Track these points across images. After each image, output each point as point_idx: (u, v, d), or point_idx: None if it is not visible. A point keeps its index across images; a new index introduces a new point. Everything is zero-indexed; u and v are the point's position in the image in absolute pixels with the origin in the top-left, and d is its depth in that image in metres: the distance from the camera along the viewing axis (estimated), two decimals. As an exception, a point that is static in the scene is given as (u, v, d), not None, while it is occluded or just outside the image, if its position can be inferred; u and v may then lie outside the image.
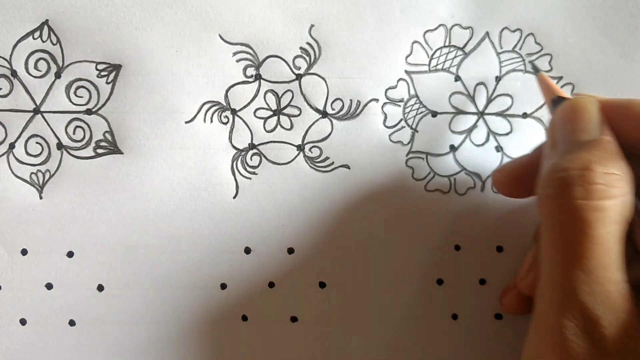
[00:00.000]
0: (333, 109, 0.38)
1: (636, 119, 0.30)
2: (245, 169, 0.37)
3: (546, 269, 0.28)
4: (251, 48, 0.37)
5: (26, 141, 0.36)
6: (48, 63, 0.36)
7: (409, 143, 0.38)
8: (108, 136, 0.37)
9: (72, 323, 0.37)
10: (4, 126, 0.36)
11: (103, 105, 0.37)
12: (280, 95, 0.37)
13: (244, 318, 0.38)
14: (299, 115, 0.38)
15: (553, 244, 0.28)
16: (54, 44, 0.36)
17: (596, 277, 0.26)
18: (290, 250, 0.38)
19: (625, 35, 0.39)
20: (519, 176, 0.34)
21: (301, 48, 0.37)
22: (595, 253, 0.27)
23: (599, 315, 0.26)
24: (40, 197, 0.37)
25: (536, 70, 0.37)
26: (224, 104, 0.37)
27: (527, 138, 0.39)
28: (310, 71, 0.37)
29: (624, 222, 0.28)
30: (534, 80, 0.39)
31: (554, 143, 0.31)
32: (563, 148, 0.30)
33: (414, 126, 0.38)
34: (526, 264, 0.36)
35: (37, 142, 0.36)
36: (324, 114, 0.38)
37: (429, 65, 0.38)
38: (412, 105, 0.38)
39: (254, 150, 0.38)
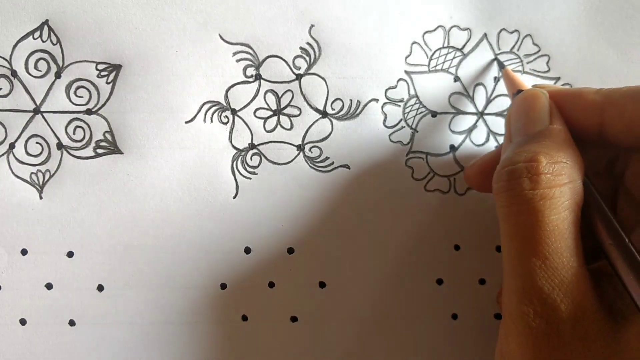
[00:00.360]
0: (333, 109, 0.38)
1: (587, 106, 0.31)
2: (245, 169, 0.37)
3: (505, 259, 0.29)
4: (251, 48, 0.37)
5: (26, 141, 0.36)
6: (48, 63, 0.36)
7: (409, 143, 0.38)
8: (108, 136, 0.37)
9: (72, 323, 0.37)
10: (4, 126, 0.36)
11: (103, 105, 0.37)
12: (280, 95, 0.37)
13: (244, 318, 0.38)
14: (299, 115, 0.38)
15: (509, 235, 0.29)
16: (54, 44, 0.36)
17: (551, 263, 0.27)
18: (290, 250, 0.38)
19: (622, 36, 0.39)
20: (486, 170, 0.35)
21: (301, 48, 0.37)
22: (548, 240, 0.28)
23: (556, 299, 0.27)
24: (40, 197, 0.36)
25: (502, 67, 0.38)
26: (224, 104, 0.37)
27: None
28: (310, 71, 0.37)
29: (575, 207, 0.29)
30: (532, 81, 0.39)
31: (509, 136, 0.33)
32: (515, 141, 0.31)
33: (414, 126, 0.38)
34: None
35: (37, 142, 0.36)
36: (324, 114, 0.38)
37: (428, 65, 0.38)
38: (412, 105, 0.38)
39: (254, 150, 0.38)
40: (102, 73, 0.36)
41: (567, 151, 0.30)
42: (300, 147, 0.38)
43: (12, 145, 0.36)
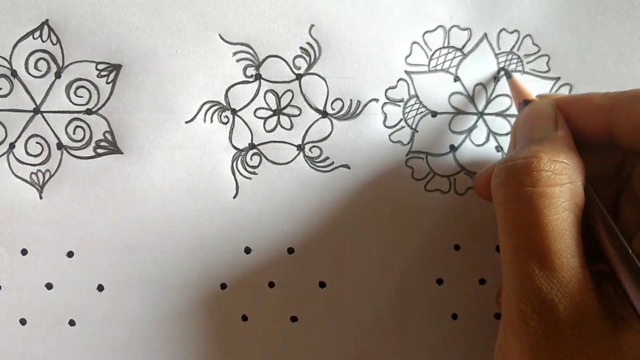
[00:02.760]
0: (333, 109, 0.38)
1: (594, 109, 0.31)
2: (245, 169, 0.37)
3: (503, 257, 0.29)
4: (251, 48, 0.37)
5: (26, 141, 0.36)
6: (48, 63, 0.36)
7: (409, 143, 0.38)
8: (108, 136, 0.37)
9: (72, 323, 0.37)
10: (4, 126, 0.36)
11: (103, 105, 0.37)
12: (280, 95, 0.37)
13: (244, 318, 0.38)
14: (299, 115, 0.38)
15: (507, 233, 0.29)
16: (54, 44, 0.36)
17: (550, 263, 0.27)
18: (290, 250, 0.38)
19: (622, 36, 0.39)
20: None
21: (301, 48, 0.37)
22: (547, 240, 0.27)
23: (554, 299, 0.27)
24: (40, 197, 0.36)
25: (508, 76, 0.38)
26: (224, 103, 0.37)
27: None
28: (311, 71, 0.37)
29: (575, 209, 0.28)
30: (532, 81, 0.39)
31: (514, 144, 0.33)
32: (518, 145, 0.32)
33: (414, 126, 0.38)
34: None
35: (37, 142, 0.36)
36: (324, 114, 0.38)
37: (428, 65, 0.38)
38: (412, 105, 0.38)
39: (254, 150, 0.38)
40: (102, 73, 0.36)
41: (569, 154, 0.30)
42: (300, 147, 0.38)
43: (12, 145, 0.36)
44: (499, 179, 0.30)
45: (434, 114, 0.38)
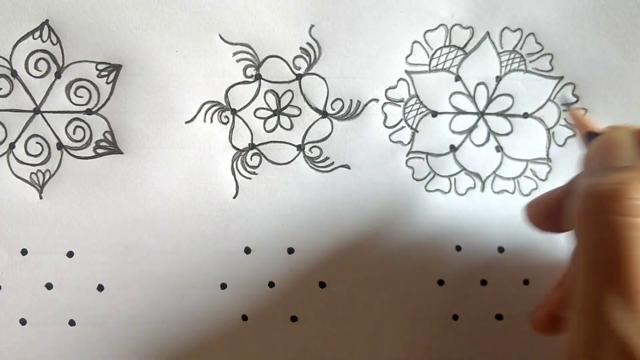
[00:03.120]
0: (333, 109, 0.38)
1: None
2: (245, 169, 0.37)
3: (579, 292, 0.27)
4: (251, 48, 0.37)
5: (26, 141, 0.36)
6: (48, 63, 0.36)
7: (409, 143, 0.38)
8: (108, 136, 0.37)
9: (72, 323, 0.37)
10: (4, 126, 0.36)
11: (103, 105, 0.37)
12: (280, 95, 0.37)
13: (244, 318, 0.38)
14: (299, 115, 0.38)
15: (587, 265, 0.27)
16: (54, 44, 0.36)
17: (631, 305, 0.25)
18: (290, 250, 0.38)
19: (626, 34, 0.38)
20: (554, 209, 0.33)
21: (301, 48, 0.37)
22: (631, 277, 0.25)
23: (635, 346, 0.25)
24: (40, 197, 0.37)
25: (567, 105, 0.37)
26: (224, 104, 0.37)
27: (527, 138, 0.39)
28: (311, 71, 0.37)
29: None
30: (535, 80, 0.39)
31: (589, 172, 0.30)
32: (600, 172, 0.29)
33: (414, 126, 0.38)
34: (558, 280, 0.35)
35: (37, 142, 0.36)
36: (324, 114, 0.38)
37: (429, 65, 0.38)
38: (412, 105, 0.38)
39: (254, 150, 0.38)
40: (102, 73, 0.36)
41: None
42: (300, 147, 0.38)
43: (12, 145, 0.36)
44: (585, 205, 0.27)
45: (435, 114, 0.38)
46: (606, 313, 0.25)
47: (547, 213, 0.33)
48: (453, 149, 0.39)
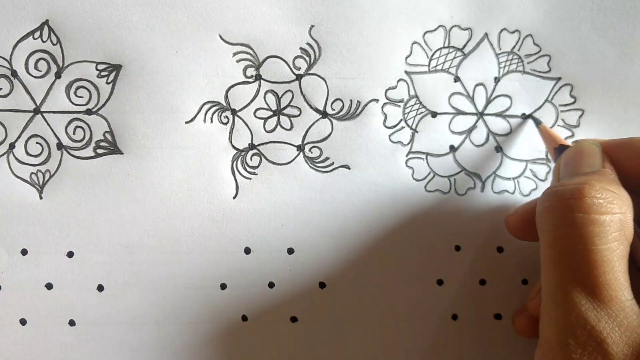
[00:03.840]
0: (333, 109, 0.38)
1: (638, 154, 0.31)
2: (245, 169, 0.37)
3: (547, 287, 0.28)
4: (251, 48, 0.37)
5: (26, 141, 0.36)
6: (48, 63, 0.36)
7: (409, 143, 0.38)
8: (108, 136, 0.37)
9: (72, 323, 0.37)
10: (4, 126, 0.36)
11: (103, 105, 0.37)
12: (280, 96, 0.37)
13: (244, 318, 0.38)
14: (299, 115, 0.38)
15: (552, 261, 0.28)
16: (54, 44, 0.36)
17: (598, 295, 0.26)
18: (290, 250, 0.38)
19: (624, 36, 0.39)
20: (530, 219, 0.34)
21: (301, 48, 0.37)
22: (596, 270, 0.26)
23: (602, 332, 0.26)
24: (40, 197, 0.36)
25: (537, 123, 0.38)
26: (224, 104, 0.37)
27: (526, 138, 0.39)
28: (311, 71, 0.37)
29: (624, 241, 0.28)
30: (533, 81, 0.39)
31: (557, 180, 0.32)
32: (566, 177, 0.31)
33: (414, 126, 0.38)
34: (537, 285, 0.36)
35: (37, 142, 0.36)
36: (324, 114, 0.38)
37: (428, 65, 0.38)
38: (412, 105, 0.38)
39: (254, 151, 0.38)
40: (102, 73, 0.36)
41: (618, 187, 0.29)
42: (300, 148, 0.38)
43: (12, 145, 0.36)
44: (546, 204, 0.29)
45: (434, 114, 0.38)
46: (574, 304, 0.27)
47: (524, 223, 0.35)
48: (453, 149, 0.39)
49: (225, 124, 0.37)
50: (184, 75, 0.37)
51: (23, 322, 0.37)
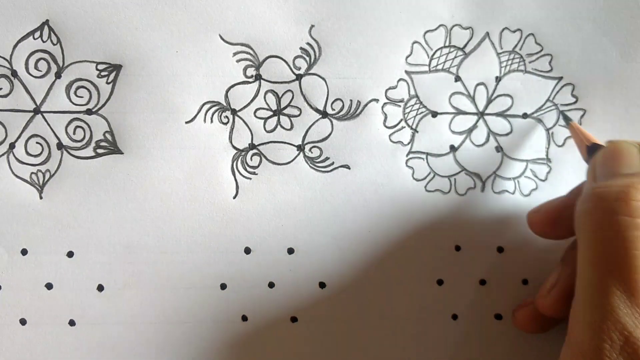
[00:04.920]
0: (333, 109, 0.38)
1: None
2: (245, 169, 0.37)
3: (583, 289, 0.28)
4: (251, 48, 0.37)
5: (26, 141, 0.36)
6: (48, 63, 0.36)
7: (409, 143, 0.38)
8: (108, 136, 0.37)
9: (72, 323, 0.37)
10: (4, 126, 0.36)
11: (103, 105, 0.37)
12: (280, 96, 0.37)
13: (244, 318, 0.38)
14: (299, 115, 0.38)
15: (591, 263, 0.28)
16: (54, 44, 0.36)
17: (634, 299, 0.26)
18: (290, 250, 0.38)
19: (626, 35, 0.39)
20: (555, 216, 0.34)
21: (301, 48, 0.37)
22: (634, 274, 0.26)
23: (638, 338, 0.26)
24: (40, 197, 0.37)
25: (567, 120, 0.38)
26: (224, 104, 0.37)
27: (527, 138, 0.39)
28: (311, 71, 0.37)
29: None
30: (535, 81, 0.39)
31: (594, 179, 0.31)
32: (606, 178, 0.30)
33: (414, 126, 0.38)
34: (548, 283, 0.36)
35: (37, 142, 0.36)
36: (324, 114, 0.38)
37: (429, 65, 0.38)
38: (412, 105, 0.38)
39: (254, 151, 0.38)
40: (102, 73, 0.36)
41: None
42: (300, 147, 0.38)
43: (12, 145, 0.36)
44: (589, 204, 0.28)
45: (434, 114, 0.38)
46: (612, 308, 0.26)
47: (549, 220, 0.35)
48: (453, 149, 0.39)
49: (226, 124, 0.37)
50: (184, 75, 0.37)
51: (23, 322, 0.37)
